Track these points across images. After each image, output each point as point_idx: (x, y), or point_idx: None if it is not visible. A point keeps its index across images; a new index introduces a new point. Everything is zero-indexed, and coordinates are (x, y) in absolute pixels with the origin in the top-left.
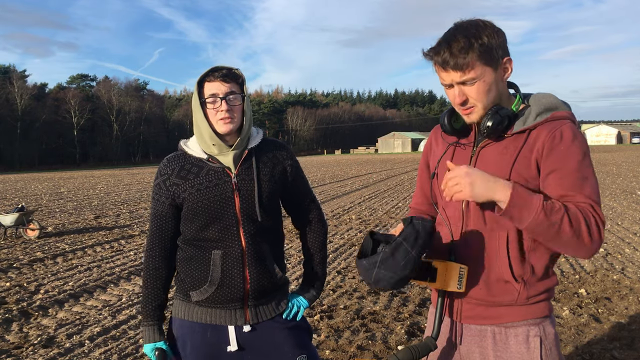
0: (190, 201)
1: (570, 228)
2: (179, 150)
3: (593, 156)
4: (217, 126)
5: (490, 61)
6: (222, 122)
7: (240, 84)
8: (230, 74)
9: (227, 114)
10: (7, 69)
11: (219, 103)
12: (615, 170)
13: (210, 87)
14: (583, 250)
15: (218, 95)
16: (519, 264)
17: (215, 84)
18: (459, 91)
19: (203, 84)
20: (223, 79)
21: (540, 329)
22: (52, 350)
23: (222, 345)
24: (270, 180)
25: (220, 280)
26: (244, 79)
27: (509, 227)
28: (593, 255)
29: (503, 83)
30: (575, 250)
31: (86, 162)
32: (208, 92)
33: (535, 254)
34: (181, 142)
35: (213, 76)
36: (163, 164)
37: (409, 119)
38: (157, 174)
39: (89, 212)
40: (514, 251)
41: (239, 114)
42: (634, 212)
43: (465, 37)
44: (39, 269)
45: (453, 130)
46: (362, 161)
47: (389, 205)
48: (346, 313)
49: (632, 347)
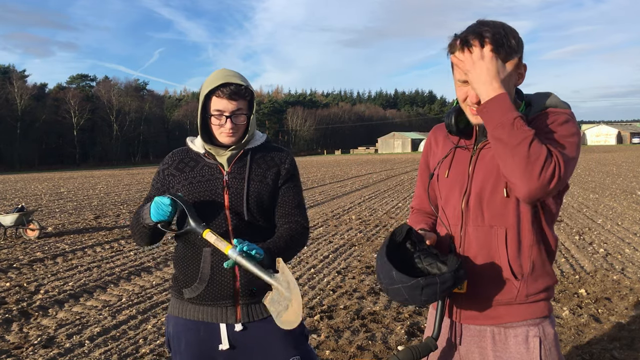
0: (183, 193)
1: (527, 151)
2: (185, 145)
3: (593, 156)
4: (219, 137)
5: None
6: (224, 135)
7: (248, 101)
8: (238, 92)
9: (231, 131)
10: (7, 69)
11: (224, 120)
12: (615, 170)
13: (217, 103)
14: (526, 181)
15: (224, 112)
16: (518, 261)
17: (222, 101)
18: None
19: (211, 95)
20: (231, 97)
21: (539, 329)
22: (52, 350)
23: (214, 343)
24: (262, 182)
25: (210, 277)
26: (253, 95)
27: (508, 224)
28: (532, 195)
29: (513, 89)
30: (520, 179)
31: (86, 162)
32: (214, 107)
33: (534, 250)
34: (188, 138)
35: (222, 92)
36: (168, 155)
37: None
38: (161, 162)
39: (89, 212)
40: (513, 248)
41: (242, 129)
42: (634, 212)
43: (494, 28)
44: (39, 269)
45: (458, 130)
46: (362, 161)
47: (389, 205)
48: (346, 313)
49: (632, 347)
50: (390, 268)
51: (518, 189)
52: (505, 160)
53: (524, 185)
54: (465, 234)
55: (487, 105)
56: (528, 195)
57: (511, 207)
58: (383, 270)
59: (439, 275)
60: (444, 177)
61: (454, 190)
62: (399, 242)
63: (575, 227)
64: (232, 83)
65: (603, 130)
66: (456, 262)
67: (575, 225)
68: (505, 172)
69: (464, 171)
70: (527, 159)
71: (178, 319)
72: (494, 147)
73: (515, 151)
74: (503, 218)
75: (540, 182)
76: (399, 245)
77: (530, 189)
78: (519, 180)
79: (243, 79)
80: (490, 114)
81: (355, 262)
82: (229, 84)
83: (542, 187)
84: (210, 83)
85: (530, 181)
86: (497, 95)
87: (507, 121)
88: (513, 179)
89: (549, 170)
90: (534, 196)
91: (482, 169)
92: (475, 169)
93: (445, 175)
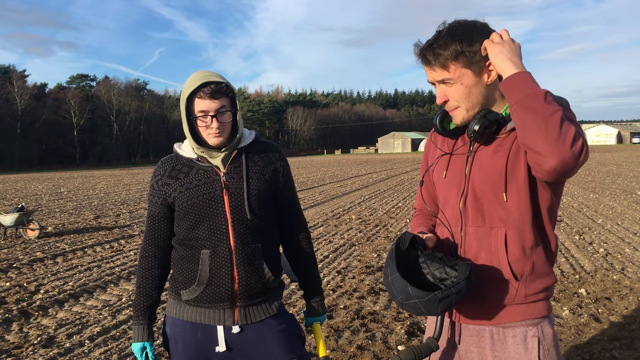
0: (181, 200)
1: (560, 122)
2: (173, 152)
3: (593, 156)
4: (207, 139)
5: (469, 64)
6: (212, 136)
7: (230, 97)
8: (219, 90)
9: (218, 130)
10: (7, 69)
11: (209, 120)
12: (615, 170)
13: (200, 104)
14: (559, 151)
15: (208, 112)
16: (519, 262)
17: (205, 101)
18: (440, 91)
19: (192, 98)
20: (212, 96)
21: (538, 329)
22: (52, 350)
23: (211, 345)
24: (260, 179)
25: (208, 280)
26: (235, 92)
27: (508, 224)
28: (564, 164)
29: (489, 87)
30: (552, 148)
31: (86, 162)
32: (198, 109)
33: (535, 251)
34: (175, 145)
35: (203, 92)
36: (157, 165)
37: (409, 119)
38: (152, 175)
39: (89, 212)
40: (513, 248)
41: (228, 127)
42: (634, 212)
43: (448, 36)
44: (39, 269)
45: (444, 131)
46: (362, 161)
47: (389, 205)
48: (346, 313)
49: (632, 347)
50: (405, 284)
51: (547, 159)
52: (535, 130)
53: (557, 154)
54: (466, 234)
55: (516, 76)
56: (561, 163)
57: (512, 208)
58: (397, 287)
59: (454, 285)
60: (442, 178)
61: (451, 191)
62: (403, 251)
63: (575, 227)
64: (212, 82)
65: (603, 130)
66: (467, 269)
67: (575, 225)
68: (531, 142)
69: (461, 172)
70: (560, 129)
71: (175, 320)
72: (521, 118)
73: (548, 120)
74: (504, 219)
75: (572, 152)
76: (402, 253)
77: (564, 158)
78: (551, 148)
79: (222, 77)
80: (520, 86)
81: (355, 261)
82: (208, 83)
83: (574, 157)
84: (190, 85)
85: (563, 150)
86: (524, 71)
87: (540, 92)
88: (543, 149)
89: (579, 143)
90: (565, 166)
91: (478, 170)
92: (472, 170)
93: (443, 175)
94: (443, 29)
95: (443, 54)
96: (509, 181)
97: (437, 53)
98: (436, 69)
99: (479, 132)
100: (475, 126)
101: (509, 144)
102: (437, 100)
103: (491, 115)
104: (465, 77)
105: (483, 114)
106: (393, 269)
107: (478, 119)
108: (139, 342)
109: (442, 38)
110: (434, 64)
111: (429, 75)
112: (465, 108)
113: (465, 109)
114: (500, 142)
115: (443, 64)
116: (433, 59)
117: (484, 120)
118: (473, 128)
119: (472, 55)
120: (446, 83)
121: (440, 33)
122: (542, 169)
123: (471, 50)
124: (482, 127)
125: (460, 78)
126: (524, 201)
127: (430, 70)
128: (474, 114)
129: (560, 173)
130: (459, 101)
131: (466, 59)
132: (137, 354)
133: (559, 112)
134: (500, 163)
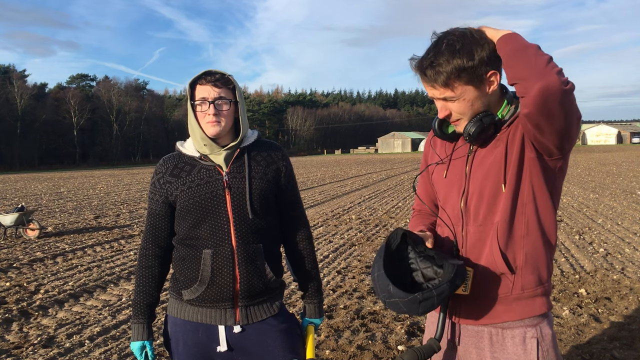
0: (182, 199)
1: (549, 58)
2: (175, 151)
3: (593, 156)
4: (205, 128)
5: (471, 81)
6: (209, 124)
7: (231, 90)
8: (222, 79)
9: (214, 118)
10: (7, 69)
11: (207, 106)
12: (615, 170)
13: (201, 91)
14: (545, 75)
15: (207, 99)
16: (511, 253)
17: (206, 87)
18: (442, 106)
19: (195, 86)
20: (214, 84)
21: (537, 330)
22: (52, 350)
23: (213, 345)
24: (263, 179)
25: (210, 279)
26: (236, 85)
27: (500, 217)
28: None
29: (490, 95)
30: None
31: (86, 162)
32: (199, 95)
33: (527, 240)
34: (178, 143)
35: (205, 80)
36: (159, 163)
37: (409, 119)
38: (153, 173)
39: (89, 212)
40: (504, 240)
41: (226, 119)
42: (634, 212)
43: (449, 53)
44: (39, 269)
45: (444, 135)
46: (362, 161)
47: (389, 205)
48: (346, 313)
49: (632, 347)
50: (387, 282)
51: (531, 82)
52: (523, 61)
53: (538, 75)
54: (467, 233)
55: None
56: (545, 85)
57: (503, 199)
58: (380, 284)
59: (435, 287)
60: (442, 178)
61: (452, 191)
62: (395, 247)
63: (575, 226)
64: (216, 72)
65: (603, 130)
66: (452, 271)
67: (575, 225)
68: (516, 71)
69: (461, 171)
70: (549, 62)
71: (176, 319)
72: (506, 53)
73: (537, 54)
74: (495, 212)
75: (558, 78)
76: (394, 250)
77: (547, 80)
78: (532, 70)
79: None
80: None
81: (355, 261)
82: (212, 72)
83: (559, 84)
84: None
85: (545, 72)
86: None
87: (531, 42)
88: (526, 73)
89: (564, 77)
90: (549, 89)
91: (479, 169)
92: (472, 169)
93: (444, 176)
94: (440, 43)
95: (445, 72)
96: (508, 168)
97: (438, 71)
98: (438, 87)
99: (473, 135)
100: (471, 129)
101: (505, 137)
102: (440, 115)
103: (487, 118)
104: (468, 93)
105: (479, 117)
106: (380, 266)
107: (474, 122)
108: (139, 341)
109: (442, 54)
110: (436, 82)
111: (430, 92)
112: (468, 118)
113: (468, 119)
114: (498, 137)
115: (445, 82)
116: (435, 77)
117: (479, 124)
118: (469, 131)
119: (474, 70)
120: (448, 100)
121: (438, 48)
122: (530, 97)
123: (473, 64)
124: (477, 130)
125: (462, 94)
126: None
127: (431, 88)
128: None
129: (548, 100)
130: (461, 114)
131: (468, 76)
132: (136, 353)
133: (538, 46)
134: (499, 154)
